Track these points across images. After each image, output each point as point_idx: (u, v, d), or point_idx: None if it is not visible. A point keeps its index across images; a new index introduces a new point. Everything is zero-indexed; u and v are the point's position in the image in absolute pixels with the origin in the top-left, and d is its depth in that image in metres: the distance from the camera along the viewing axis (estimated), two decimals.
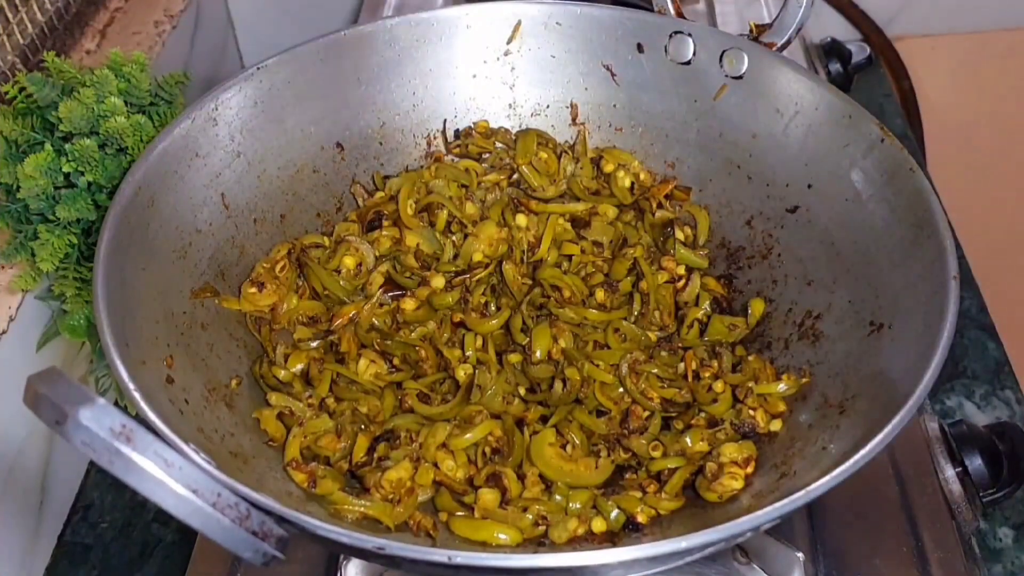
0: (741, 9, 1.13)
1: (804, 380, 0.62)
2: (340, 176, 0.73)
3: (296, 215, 0.71)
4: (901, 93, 1.36)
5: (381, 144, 0.75)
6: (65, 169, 0.68)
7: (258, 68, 0.68)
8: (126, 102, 0.71)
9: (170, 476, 0.40)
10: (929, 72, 1.35)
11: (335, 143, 0.73)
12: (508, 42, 0.75)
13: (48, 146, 0.68)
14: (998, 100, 1.36)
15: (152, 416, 0.48)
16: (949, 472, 0.70)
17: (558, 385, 0.64)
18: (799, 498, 0.47)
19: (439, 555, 0.45)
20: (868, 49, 1.15)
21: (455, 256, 0.72)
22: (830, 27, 1.33)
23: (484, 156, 0.77)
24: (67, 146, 0.68)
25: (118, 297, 0.54)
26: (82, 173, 0.68)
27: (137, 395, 0.49)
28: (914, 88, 1.35)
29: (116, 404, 0.47)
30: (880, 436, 0.48)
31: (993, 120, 1.37)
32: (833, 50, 1.13)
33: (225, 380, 0.62)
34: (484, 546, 0.56)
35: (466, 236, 0.72)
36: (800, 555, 0.63)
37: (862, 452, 0.48)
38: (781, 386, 0.62)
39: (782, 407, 0.62)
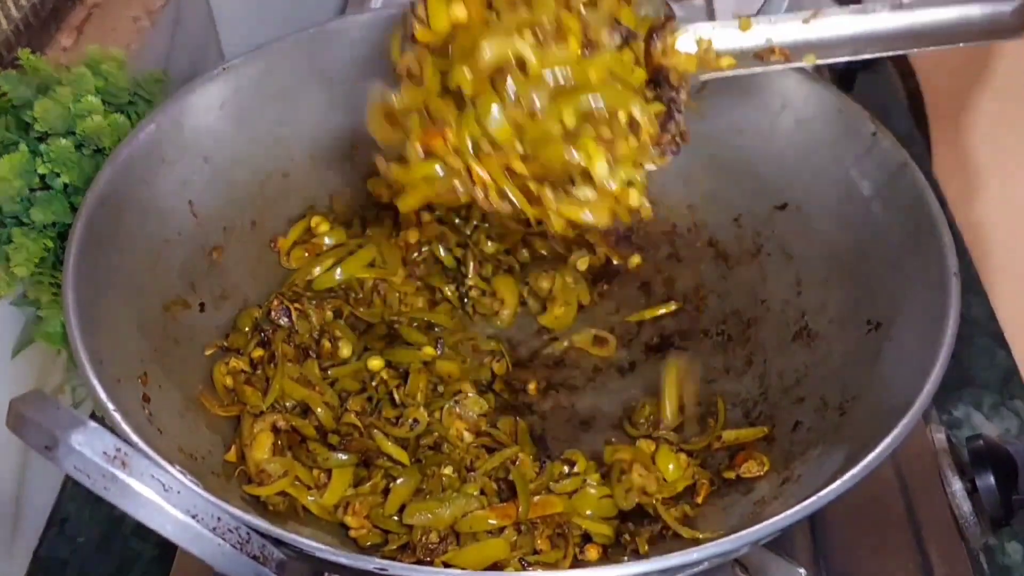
0: (741, 4, 1.11)
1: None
2: (311, 180, 0.72)
3: (267, 222, 0.70)
4: (907, 92, 1.34)
5: (353, 146, 0.73)
6: (40, 170, 0.67)
7: (223, 69, 0.67)
8: (104, 101, 0.70)
9: (168, 502, 0.40)
10: (936, 70, 1.33)
11: (305, 146, 0.71)
12: None
13: (23, 146, 0.67)
14: (1006, 101, 1.34)
15: (137, 440, 0.46)
16: (957, 486, 0.68)
17: None
18: (806, 507, 0.46)
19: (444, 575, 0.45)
20: None
21: None
22: None
23: None
24: (42, 147, 0.67)
25: (90, 313, 0.52)
26: (58, 175, 0.67)
27: (118, 416, 0.47)
28: (920, 87, 1.34)
29: (96, 418, 0.47)
30: (889, 438, 0.47)
31: (1002, 122, 1.35)
32: None
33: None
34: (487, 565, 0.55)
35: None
36: (802, 571, 0.62)
37: (872, 455, 0.47)
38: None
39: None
